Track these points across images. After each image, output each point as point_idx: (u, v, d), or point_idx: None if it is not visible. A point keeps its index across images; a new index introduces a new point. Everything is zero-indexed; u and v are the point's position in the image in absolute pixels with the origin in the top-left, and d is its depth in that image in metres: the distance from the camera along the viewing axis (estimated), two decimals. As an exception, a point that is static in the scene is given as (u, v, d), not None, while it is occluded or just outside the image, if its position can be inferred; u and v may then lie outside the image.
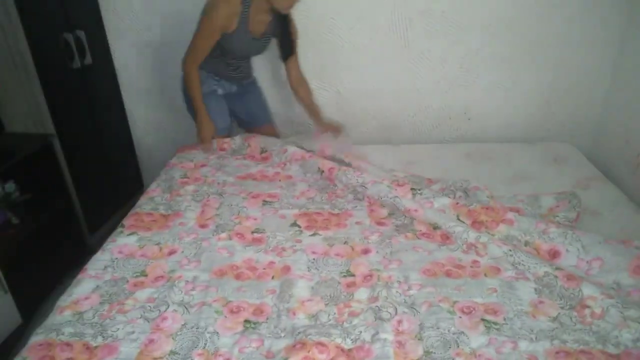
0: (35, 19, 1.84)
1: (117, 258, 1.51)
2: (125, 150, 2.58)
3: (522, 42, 2.14)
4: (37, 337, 1.21)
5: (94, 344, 1.19)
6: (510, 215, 1.60)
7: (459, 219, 1.64)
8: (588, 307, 1.28)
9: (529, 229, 1.55)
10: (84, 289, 1.38)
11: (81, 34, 2.07)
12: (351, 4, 2.12)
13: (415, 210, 1.68)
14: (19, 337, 1.30)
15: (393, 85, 2.27)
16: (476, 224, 1.61)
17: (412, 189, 1.76)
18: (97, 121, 2.27)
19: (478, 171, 2.02)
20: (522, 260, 1.44)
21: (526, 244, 1.52)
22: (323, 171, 1.95)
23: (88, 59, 2.13)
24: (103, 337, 1.21)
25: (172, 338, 1.22)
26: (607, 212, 1.73)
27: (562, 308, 1.29)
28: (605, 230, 1.59)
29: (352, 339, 1.21)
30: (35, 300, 1.85)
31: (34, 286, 1.91)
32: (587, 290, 1.31)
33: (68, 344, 1.19)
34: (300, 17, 2.15)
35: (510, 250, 1.47)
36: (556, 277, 1.37)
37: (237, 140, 2.22)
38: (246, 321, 1.27)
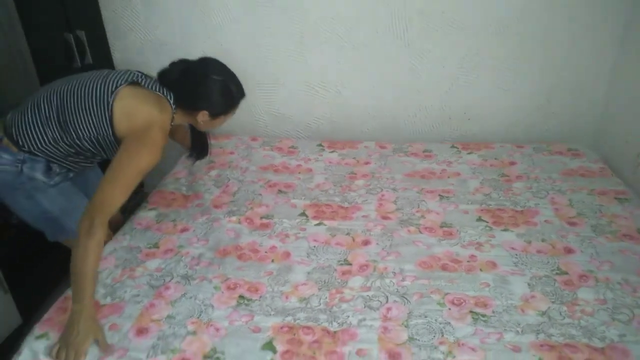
0: (35, 19, 1.81)
1: (135, 228, 1.65)
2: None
3: (523, 42, 2.10)
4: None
5: (102, 302, 1.31)
6: (536, 219, 1.65)
7: (481, 219, 1.66)
8: (579, 305, 1.25)
9: (548, 232, 1.58)
10: (104, 250, 1.48)
11: (81, 34, 2.01)
12: (351, 3, 2.12)
13: (437, 213, 1.70)
14: (19, 337, 1.35)
15: (393, 85, 2.26)
16: (497, 223, 1.63)
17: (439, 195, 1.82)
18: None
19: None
20: (525, 261, 1.43)
21: (543, 240, 1.54)
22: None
23: (88, 59, 2.06)
24: (112, 297, 1.33)
25: (171, 305, 1.31)
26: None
27: (552, 302, 1.26)
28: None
29: (338, 323, 1.23)
30: (35, 300, 1.71)
31: (34, 286, 1.88)
32: (583, 295, 1.30)
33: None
34: (300, 17, 2.17)
35: (517, 254, 1.47)
36: (555, 280, 1.35)
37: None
38: (240, 297, 1.34)
